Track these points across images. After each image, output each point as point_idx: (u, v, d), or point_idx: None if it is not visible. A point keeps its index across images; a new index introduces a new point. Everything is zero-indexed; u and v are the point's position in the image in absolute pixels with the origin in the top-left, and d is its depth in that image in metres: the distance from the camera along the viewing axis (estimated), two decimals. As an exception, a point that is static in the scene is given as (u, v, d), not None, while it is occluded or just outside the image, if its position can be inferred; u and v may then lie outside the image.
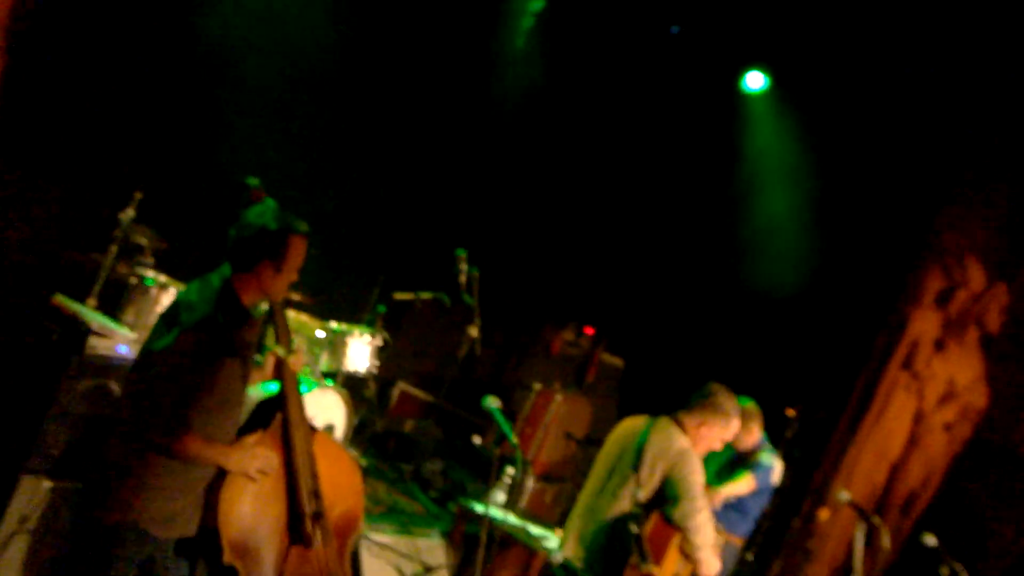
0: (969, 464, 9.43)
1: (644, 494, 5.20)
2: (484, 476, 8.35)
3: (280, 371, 4.03)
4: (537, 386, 9.04)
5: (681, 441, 5.25)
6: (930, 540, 5.59)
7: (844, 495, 5.73)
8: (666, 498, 5.17)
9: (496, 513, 6.36)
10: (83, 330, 5.03)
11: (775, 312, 9.66)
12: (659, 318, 10.46)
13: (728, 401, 5.39)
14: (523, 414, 8.83)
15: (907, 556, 9.17)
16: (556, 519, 9.00)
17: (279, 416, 4.03)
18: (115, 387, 5.19)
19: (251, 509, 3.90)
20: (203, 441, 3.77)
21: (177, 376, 3.63)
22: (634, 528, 5.12)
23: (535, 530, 7.06)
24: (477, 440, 8.23)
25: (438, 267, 7.85)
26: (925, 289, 9.06)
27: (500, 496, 7.28)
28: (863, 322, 9.23)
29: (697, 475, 5.19)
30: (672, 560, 5.21)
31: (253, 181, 4.25)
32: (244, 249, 3.86)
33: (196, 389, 3.71)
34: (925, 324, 9.09)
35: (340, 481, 4.18)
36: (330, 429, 6.90)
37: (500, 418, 3.88)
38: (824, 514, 8.93)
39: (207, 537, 3.88)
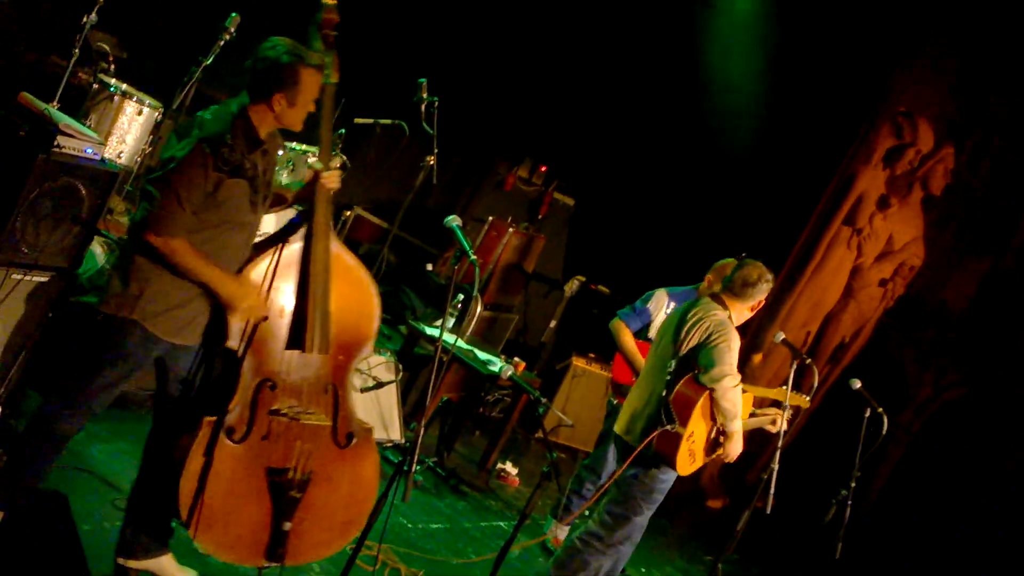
0: (897, 320, 9.79)
1: (677, 362, 5.36)
2: (434, 302, 8.54)
3: (313, 184, 4.14)
4: (490, 218, 9.15)
5: (720, 313, 5.40)
6: (855, 383, 5.81)
7: (779, 335, 5.92)
8: (699, 366, 5.28)
9: (447, 336, 6.55)
10: (51, 128, 5.01)
11: (726, 161, 9.79)
12: (612, 162, 10.55)
13: (768, 274, 5.54)
14: (475, 245, 8.98)
15: (832, 402, 9.57)
16: (501, 347, 9.29)
17: (305, 227, 4.18)
18: (82, 188, 5.24)
19: (262, 303, 4.10)
20: (199, 256, 3.90)
21: (180, 184, 3.77)
22: (662, 391, 5.35)
23: (482, 355, 7.31)
24: (429, 267, 8.35)
25: (399, 94, 7.83)
26: (876, 147, 9.23)
27: (449, 321, 7.48)
28: (813, 175, 9.40)
29: (732, 343, 5.28)
30: (700, 423, 5.32)
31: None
32: (259, 81, 3.95)
33: (198, 201, 3.85)
34: (872, 181, 9.29)
35: (351, 299, 4.32)
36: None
37: (460, 235, 4.01)
38: (757, 358, 9.25)
39: (213, 324, 4.08)
